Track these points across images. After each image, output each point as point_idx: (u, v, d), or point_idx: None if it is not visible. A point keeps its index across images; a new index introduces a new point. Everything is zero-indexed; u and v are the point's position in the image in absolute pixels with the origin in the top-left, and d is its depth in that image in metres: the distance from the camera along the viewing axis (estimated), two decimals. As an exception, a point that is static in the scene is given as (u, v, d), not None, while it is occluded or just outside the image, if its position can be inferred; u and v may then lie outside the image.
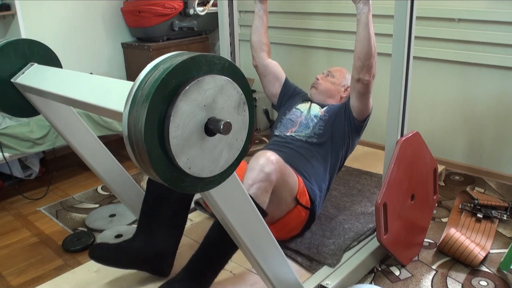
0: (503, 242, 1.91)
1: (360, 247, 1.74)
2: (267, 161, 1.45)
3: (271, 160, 1.46)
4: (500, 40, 2.30)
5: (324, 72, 2.10)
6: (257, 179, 1.43)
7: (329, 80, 2.05)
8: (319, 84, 2.04)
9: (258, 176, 1.43)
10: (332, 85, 2.04)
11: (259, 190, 1.43)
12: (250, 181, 1.43)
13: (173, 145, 0.83)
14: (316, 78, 2.07)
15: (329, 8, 2.92)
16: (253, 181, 1.43)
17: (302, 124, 1.92)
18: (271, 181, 1.45)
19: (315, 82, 2.06)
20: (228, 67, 0.90)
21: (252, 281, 1.54)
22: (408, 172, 1.68)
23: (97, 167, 1.63)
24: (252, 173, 1.44)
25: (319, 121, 1.89)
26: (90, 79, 1.19)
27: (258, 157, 1.48)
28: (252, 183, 1.42)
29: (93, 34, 3.15)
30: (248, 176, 1.44)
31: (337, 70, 2.11)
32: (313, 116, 1.92)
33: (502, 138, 2.45)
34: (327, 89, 2.03)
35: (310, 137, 1.86)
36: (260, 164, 1.44)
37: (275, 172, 1.46)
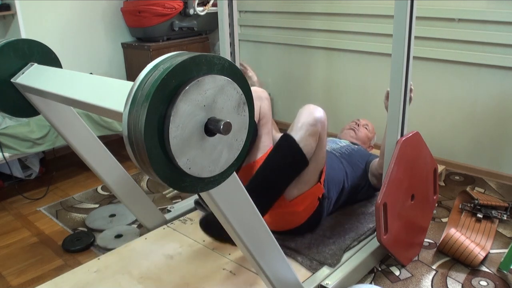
0: (503, 242, 1.91)
1: (360, 247, 1.74)
2: (317, 109, 1.51)
3: (320, 110, 1.52)
4: (500, 40, 2.30)
5: (361, 121, 2.31)
6: (306, 121, 1.47)
7: (366, 132, 2.26)
8: (359, 131, 2.22)
9: (308, 119, 1.48)
10: (367, 137, 2.26)
11: (307, 132, 1.47)
12: (299, 124, 1.47)
13: (173, 145, 0.83)
14: (357, 124, 2.28)
15: (329, 8, 2.92)
16: (302, 124, 1.47)
17: (330, 141, 2.07)
18: (318, 127, 1.49)
19: (356, 127, 2.24)
20: (228, 67, 0.90)
21: (252, 281, 1.54)
22: (408, 172, 1.68)
23: (97, 167, 1.63)
24: (301, 116, 1.49)
25: (348, 145, 2.04)
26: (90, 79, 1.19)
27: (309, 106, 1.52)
28: (301, 125, 1.47)
29: (93, 34, 3.15)
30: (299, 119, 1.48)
31: (371, 125, 2.34)
32: (343, 141, 2.08)
33: (502, 138, 2.45)
34: (363, 139, 2.23)
35: (337, 150, 1.97)
36: (311, 110, 1.49)
37: (322, 120, 1.50)
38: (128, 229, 2.07)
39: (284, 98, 3.43)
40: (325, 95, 3.17)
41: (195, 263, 1.67)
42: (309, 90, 3.25)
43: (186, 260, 1.68)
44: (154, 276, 1.60)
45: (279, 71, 3.39)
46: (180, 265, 1.66)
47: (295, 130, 1.47)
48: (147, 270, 1.63)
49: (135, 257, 1.70)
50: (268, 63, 3.44)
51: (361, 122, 2.30)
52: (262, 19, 3.33)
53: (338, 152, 1.96)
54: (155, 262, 1.67)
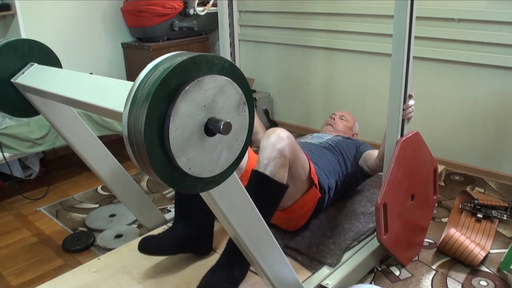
0: (503, 242, 1.91)
1: (360, 247, 1.74)
2: (278, 138, 1.48)
3: (282, 136, 1.48)
4: (500, 40, 2.30)
5: (337, 114, 2.35)
6: (272, 156, 1.45)
7: (344, 123, 2.31)
8: (336, 124, 2.28)
9: (272, 154, 1.45)
10: (346, 127, 2.30)
11: (275, 167, 1.45)
12: (265, 160, 1.45)
13: (173, 145, 0.83)
14: (332, 118, 2.32)
15: (329, 8, 2.92)
16: (268, 159, 1.45)
17: (315, 137, 2.13)
18: (285, 156, 1.47)
19: (332, 121, 2.29)
20: (228, 67, 0.90)
21: (252, 281, 1.54)
22: (408, 172, 1.68)
23: (97, 167, 1.63)
24: (265, 152, 1.46)
25: (333, 137, 2.09)
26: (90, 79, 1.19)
27: (269, 135, 1.50)
28: (268, 162, 1.45)
29: (93, 34, 3.15)
30: (262, 155, 1.46)
31: (348, 115, 2.38)
32: (327, 136, 2.13)
33: (502, 138, 2.45)
34: (343, 130, 2.28)
35: (323, 143, 2.01)
36: (272, 142, 1.47)
37: (288, 147, 1.48)
38: (128, 229, 2.07)
39: (284, 98, 3.43)
40: (325, 95, 3.17)
41: (195, 263, 1.67)
42: (309, 90, 3.25)
43: (186, 260, 1.68)
44: (154, 276, 1.60)
45: (279, 71, 3.39)
46: (180, 265, 1.66)
47: (263, 167, 1.45)
48: (147, 270, 1.63)
49: (135, 257, 1.70)
50: (268, 63, 3.44)
51: (337, 115, 2.34)
52: (262, 19, 3.33)
53: (326, 144, 2.00)
54: (155, 262, 1.67)
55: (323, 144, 2.01)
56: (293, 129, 3.34)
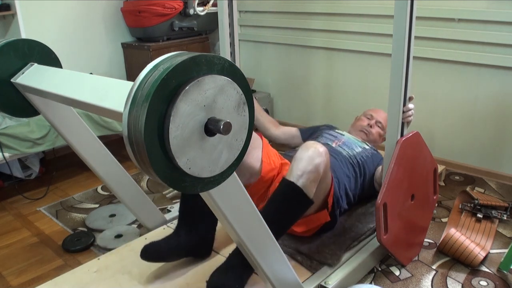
0: (503, 242, 1.91)
1: (360, 247, 1.74)
2: (317, 153, 1.46)
3: (320, 152, 1.47)
4: (500, 40, 2.30)
5: (374, 117, 2.18)
6: (307, 170, 1.43)
7: (379, 131, 2.16)
8: (371, 134, 2.14)
9: (308, 167, 1.43)
10: (379, 136, 2.16)
11: (308, 181, 1.43)
12: (299, 172, 1.43)
13: (173, 145, 0.83)
14: (369, 126, 2.15)
15: (329, 8, 2.92)
16: (302, 172, 1.43)
17: (346, 144, 2.00)
18: (319, 172, 1.45)
19: (368, 130, 2.14)
20: (228, 67, 0.90)
21: (252, 281, 1.54)
22: (408, 172, 1.68)
23: (97, 167, 1.63)
24: (301, 163, 1.44)
25: (363, 151, 1.98)
26: (90, 79, 1.19)
27: (308, 148, 1.48)
28: (302, 173, 1.43)
29: (93, 34, 3.15)
30: (298, 166, 1.44)
31: (384, 119, 2.16)
32: (358, 145, 2.01)
33: (502, 138, 2.45)
34: (375, 139, 2.15)
35: (352, 157, 1.92)
36: (309, 156, 1.45)
37: (323, 164, 1.46)
38: (128, 229, 2.07)
39: (284, 98, 3.43)
40: (325, 95, 3.17)
41: (195, 263, 1.67)
42: (309, 90, 3.25)
43: (187, 260, 1.68)
44: (154, 276, 1.60)
45: (279, 71, 3.39)
46: (180, 265, 1.66)
47: (296, 178, 1.43)
48: (147, 270, 1.63)
49: (135, 257, 1.70)
50: (268, 63, 3.43)
51: (373, 119, 2.18)
52: (262, 19, 3.33)
53: (354, 160, 1.92)
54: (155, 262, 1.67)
55: (352, 159, 1.91)
56: (293, 129, 3.33)
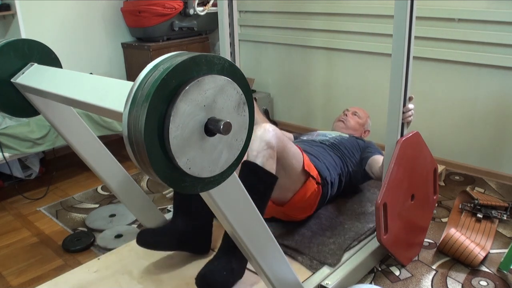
0: (503, 242, 1.91)
1: (360, 247, 1.74)
2: (265, 131, 1.55)
3: (267, 129, 1.55)
4: (500, 40, 2.30)
5: (350, 110, 2.35)
6: (260, 148, 1.51)
7: (356, 119, 2.30)
8: (348, 121, 2.29)
9: (260, 145, 1.51)
10: (358, 124, 2.30)
11: (264, 158, 1.51)
12: (254, 152, 1.51)
13: (173, 145, 0.83)
14: (345, 114, 2.32)
15: (329, 8, 2.92)
16: (256, 151, 1.51)
17: (320, 134, 2.15)
18: (273, 147, 1.53)
19: (344, 118, 2.30)
20: (228, 67, 0.90)
21: (252, 281, 1.54)
22: (408, 172, 1.68)
23: (97, 167, 1.63)
24: (253, 145, 1.52)
25: (338, 135, 2.10)
26: (90, 79, 1.19)
27: (256, 130, 1.56)
28: (256, 153, 1.50)
29: (93, 34, 3.15)
30: (251, 148, 1.52)
31: (361, 111, 2.37)
32: (333, 133, 2.14)
33: (502, 138, 2.45)
34: (354, 126, 2.28)
35: (325, 141, 2.03)
36: (259, 135, 1.54)
37: (274, 138, 1.54)
38: (128, 229, 2.07)
39: (284, 98, 3.43)
40: (325, 95, 3.17)
41: (194, 263, 1.67)
42: (309, 90, 3.25)
43: (186, 260, 1.68)
44: (154, 276, 1.60)
45: (279, 71, 3.39)
46: (180, 265, 1.66)
47: (252, 158, 1.50)
48: (147, 270, 1.63)
49: (135, 257, 1.70)
50: (268, 63, 3.44)
51: (350, 111, 2.34)
52: (262, 19, 3.33)
53: (327, 143, 2.02)
54: (155, 262, 1.67)
55: (325, 142, 2.02)
56: (293, 129, 3.33)
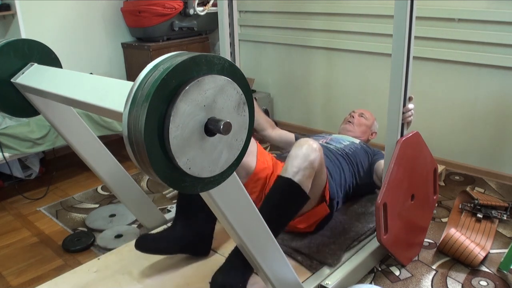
0: (503, 242, 1.91)
1: (360, 247, 1.74)
2: (311, 149, 1.51)
3: (314, 148, 1.51)
4: (500, 40, 2.30)
5: (356, 111, 2.34)
6: (302, 166, 1.48)
7: (363, 121, 2.29)
8: (355, 123, 2.27)
9: (303, 164, 1.48)
10: (365, 126, 2.29)
11: (304, 177, 1.48)
12: (295, 168, 1.47)
13: (173, 145, 0.83)
14: (352, 116, 2.30)
15: (329, 8, 2.92)
16: (298, 168, 1.47)
17: (334, 140, 2.09)
18: (314, 168, 1.50)
19: (350, 120, 2.28)
20: (228, 67, 0.90)
21: (252, 281, 1.54)
22: (408, 172, 1.68)
23: (97, 167, 1.63)
24: (296, 161, 1.49)
25: (351, 144, 2.06)
26: (90, 79, 1.19)
27: (302, 145, 1.52)
28: (298, 170, 1.47)
29: (93, 34, 3.15)
30: (293, 163, 1.49)
31: (367, 113, 2.36)
32: (346, 140, 2.10)
33: (502, 138, 2.45)
34: (362, 129, 2.27)
35: (341, 150, 1.99)
36: (304, 153, 1.49)
37: (318, 160, 1.51)
38: (128, 229, 2.07)
39: (284, 98, 3.43)
40: (325, 95, 3.17)
41: (195, 263, 1.67)
42: (309, 90, 3.25)
43: (186, 260, 1.68)
44: (154, 276, 1.60)
45: (279, 71, 3.39)
46: (180, 265, 1.66)
47: (292, 174, 1.47)
48: (147, 270, 1.63)
49: (135, 257, 1.70)
50: (268, 63, 3.44)
51: (356, 113, 2.33)
52: (262, 19, 3.33)
53: (343, 152, 1.98)
54: (155, 262, 1.67)
55: (341, 151, 1.98)
56: (293, 129, 3.33)
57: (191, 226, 1.63)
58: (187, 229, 1.63)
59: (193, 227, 1.64)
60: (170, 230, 1.64)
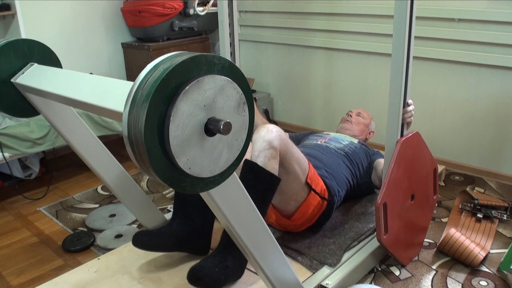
0: (503, 242, 1.91)
1: (360, 247, 1.74)
2: (267, 131, 1.52)
3: (270, 129, 1.53)
4: (500, 40, 2.30)
5: (353, 111, 2.36)
6: (261, 147, 1.49)
7: (361, 120, 2.32)
8: (354, 122, 2.29)
9: (262, 145, 1.50)
10: (363, 125, 2.32)
11: (266, 158, 1.49)
12: (256, 152, 1.49)
13: (173, 145, 0.83)
14: (349, 115, 2.33)
15: (329, 8, 2.92)
16: (258, 151, 1.49)
17: (333, 139, 2.10)
18: (275, 147, 1.50)
19: (349, 119, 2.31)
20: (228, 67, 0.90)
21: (252, 281, 1.54)
22: (408, 172, 1.68)
23: (97, 167, 1.63)
24: (255, 145, 1.51)
25: (350, 143, 2.07)
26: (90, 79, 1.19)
27: (259, 130, 1.54)
28: (258, 153, 1.49)
29: (93, 34, 3.15)
30: (253, 148, 1.51)
31: (364, 112, 2.39)
32: (345, 139, 2.11)
33: (502, 138, 2.45)
34: (360, 127, 2.29)
35: (340, 150, 2.00)
36: (261, 135, 1.52)
37: (277, 139, 1.51)
38: (128, 229, 2.07)
39: (284, 98, 3.43)
40: (325, 95, 3.17)
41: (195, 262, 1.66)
42: (309, 90, 3.25)
43: (186, 259, 1.68)
44: (154, 276, 1.60)
45: (279, 71, 3.39)
46: (180, 265, 1.66)
47: (254, 157, 1.49)
48: (147, 270, 1.63)
49: (135, 257, 1.70)
50: (268, 63, 3.44)
51: (353, 112, 2.35)
52: (262, 19, 3.33)
53: (342, 152, 1.99)
54: (155, 262, 1.67)
55: (341, 151, 1.99)
56: (293, 129, 3.34)
57: (188, 222, 1.63)
58: (184, 225, 1.63)
59: (191, 224, 1.63)
60: (167, 227, 1.63)
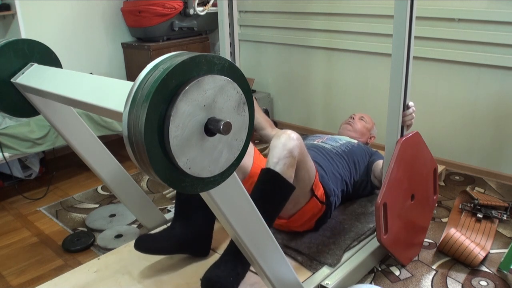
0: (503, 242, 1.91)
1: (360, 247, 1.74)
2: (289, 138, 1.52)
3: (292, 137, 1.53)
4: (500, 40, 2.30)
5: (357, 115, 2.36)
6: (282, 155, 1.49)
7: (362, 123, 2.31)
8: (355, 123, 2.29)
9: (282, 153, 1.49)
10: (365, 128, 2.31)
11: (285, 166, 1.49)
12: (275, 159, 1.49)
13: (173, 145, 0.83)
14: (352, 118, 2.34)
15: (329, 8, 2.92)
16: (278, 158, 1.48)
17: (330, 139, 2.11)
18: (294, 156, 1.51)
19: (351, 121, 2.31)
20: (228, 67, 0.90)
21: (252, 281, 1.54)
22: (408, 172, 1.68)
23: (97, 167, 1.63)
24: (275, 151, 1.50)
25: (348, 142, 2.08)
26: (90, 79, 1.19)
27: (279, 136, 1.54)
28: (277, 160, 1.48)
29: (93, 34, 3.15)
30: (272, 154, 1.50)
31: (367, 117, 2.38)
32: (343, 139, 2.12)
33: (502, 138, 2.45)
34: (361, 130, 2.29)
35: (337, 148, 2.00)
36: (282, 142, 1.51)
37: (297, 148, 1.52)
38: (128, 229, 2.07)
39: (284, 98, 3.43)
40: (325, 95, 3.17)
41: (195, 263, 1.67)
42: (309, 90, 3.25)
43: (186, 260, 1.68)
44: (154, 276, 1.60)
45: (279, 71, 3.39)
46: (180, 265, 1.66)
47: (272, 165, 1.49)
48: (147, 270, 1.64)
49: (135, 257, 1.70)
50: (268, 63, 3.44)
51: (356, 115, 2.35)
52: (262, 19, 3.33)
53: (339, 150, 1.99)
54: (155, 262, 1.67)
55: (336, 149, 1.99)
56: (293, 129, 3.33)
57: (190, 225, 1.63)
58: (186, 229, 1.63)
59: (192, 227, 1.64)
60: (169, 230, 1.64)
